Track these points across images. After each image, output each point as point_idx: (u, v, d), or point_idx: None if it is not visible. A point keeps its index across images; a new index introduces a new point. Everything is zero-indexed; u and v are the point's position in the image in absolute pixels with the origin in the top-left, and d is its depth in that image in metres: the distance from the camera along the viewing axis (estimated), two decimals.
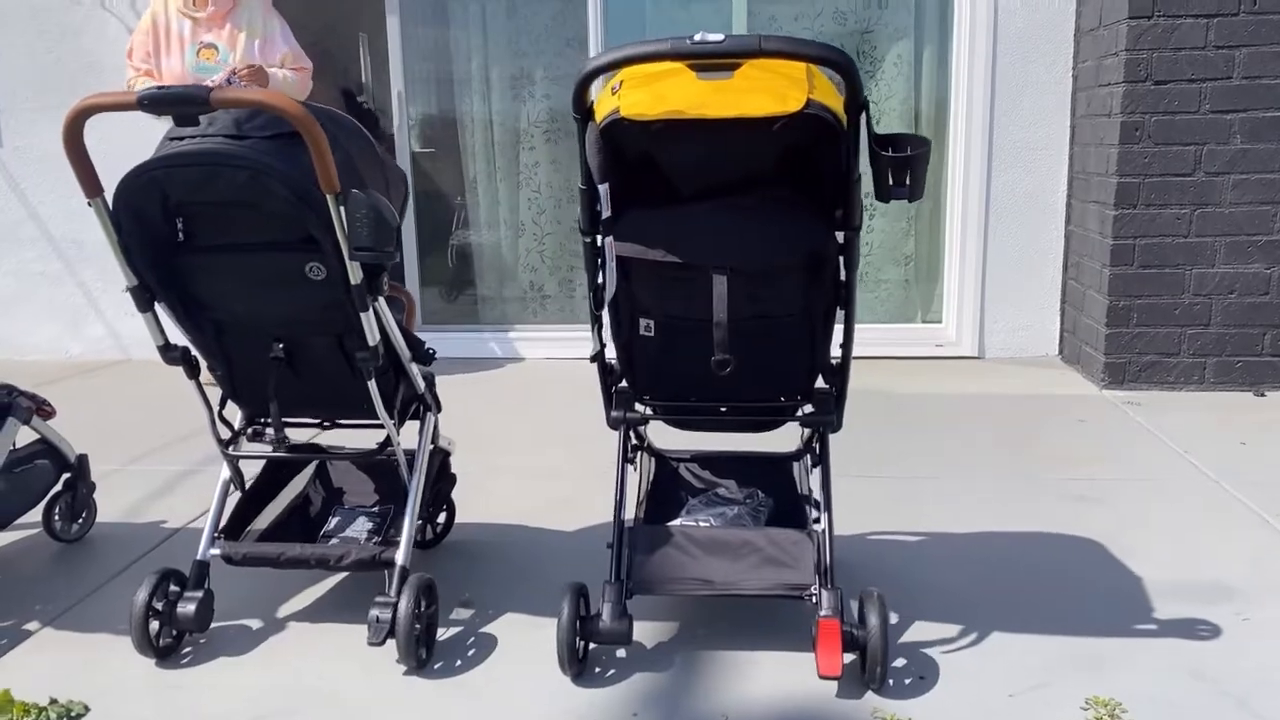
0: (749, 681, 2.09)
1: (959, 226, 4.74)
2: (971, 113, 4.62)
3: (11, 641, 2.33)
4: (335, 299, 2.06)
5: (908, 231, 4.99)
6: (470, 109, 5.12)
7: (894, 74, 4.83)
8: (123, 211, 1.93)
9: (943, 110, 4.78)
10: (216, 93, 1.73)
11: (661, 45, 1.62)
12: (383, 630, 2.12)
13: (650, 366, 2.17)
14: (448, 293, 5.40)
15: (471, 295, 5.35)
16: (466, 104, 5.12)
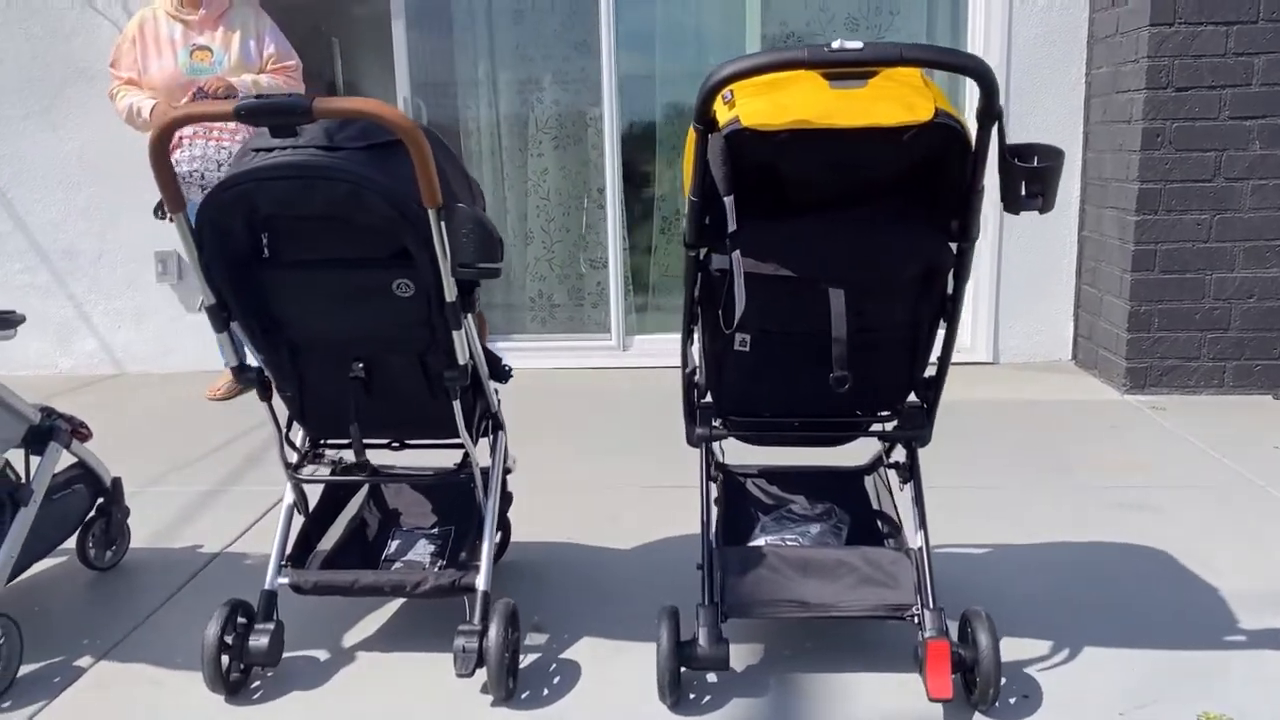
0: (851, 704, 2.04)
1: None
2: None
3: (65, 679, 2.21)
4: (422, 316, 1.98)
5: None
6: (477, 114, 5.03)
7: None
8: (207, 226, 1.84)
9: None
10: (318, 103, 1.65)
11: (799, 53, 1.56)
12: (471, 660, 2.04)
13: (742, 383, 2.11)
14: None
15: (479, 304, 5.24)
16: (473, 109, 5.03)
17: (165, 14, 4.11)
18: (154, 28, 4.11)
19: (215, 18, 4.14)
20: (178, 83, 4.06)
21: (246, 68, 4.15)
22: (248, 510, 3.15)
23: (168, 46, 4.09)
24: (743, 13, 4.79)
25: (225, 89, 3.99)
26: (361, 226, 1.85)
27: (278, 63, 4.23)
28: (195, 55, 4.09)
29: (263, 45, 4.21)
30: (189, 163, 3.97)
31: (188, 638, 2.36)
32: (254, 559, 2.80)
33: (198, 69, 4.09)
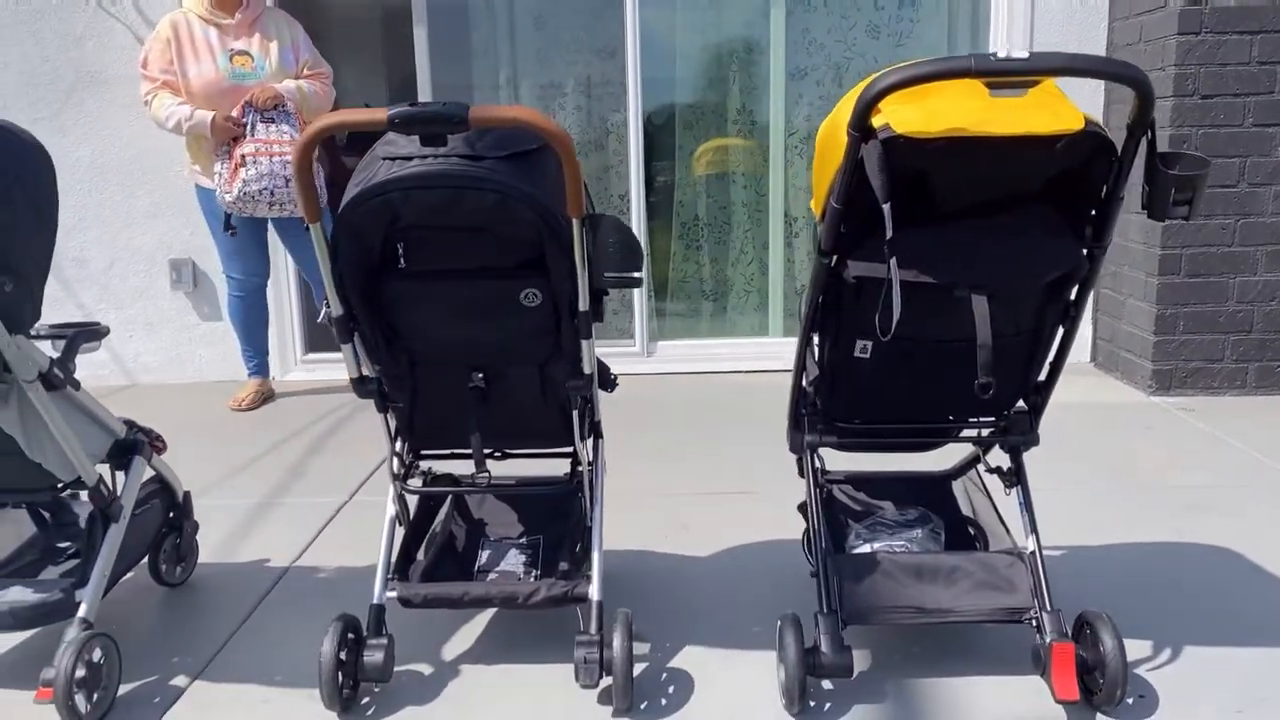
0: (972, 707, 2.05)
1: None
2: None
3: (165, 699, 2.16)
4: (547, 325, 1.96)
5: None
6: None
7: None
8: (344, 236, 1.80)
9: None
10: (475, 111, 1.62)
11: (966, 61, 1.57)
12: (595, 671, 2.02)
13: (857, 389, 2.11)
14: None
15: None
16: None
17: (198, 17, 4.04)
18: (188, 30, 4.04)
19: (250, 23, 4.10)
20: (220, 88, 4.00)
21: (285, 74, 4.13)
22: (304, 524, 3.10)
23: (205, 51, 4.03)
24: (767, 19, 4.81)
25: (274, 99, 3.97)
26: (499, 236, 1.83)
27: (313, 69, 4.22)
28: (236, 60, 4.03)
29: (299, 52, 4.19)
30: (257, 181, 3.92)
31: (281, 654, 2.32)
32: (326, 573, 2.76)
33: (240, 74, 4.04)
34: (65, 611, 2.12)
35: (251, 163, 3.92)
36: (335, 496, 3.32)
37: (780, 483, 3.32)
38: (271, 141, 3.94)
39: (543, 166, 1.82)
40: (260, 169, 3.92)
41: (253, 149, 3.93)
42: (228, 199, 3.97)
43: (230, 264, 4.31)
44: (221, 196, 4.00)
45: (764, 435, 3.88)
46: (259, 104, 3.97)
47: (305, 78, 4.18)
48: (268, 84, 4.02)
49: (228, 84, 4.01)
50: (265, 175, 3.92)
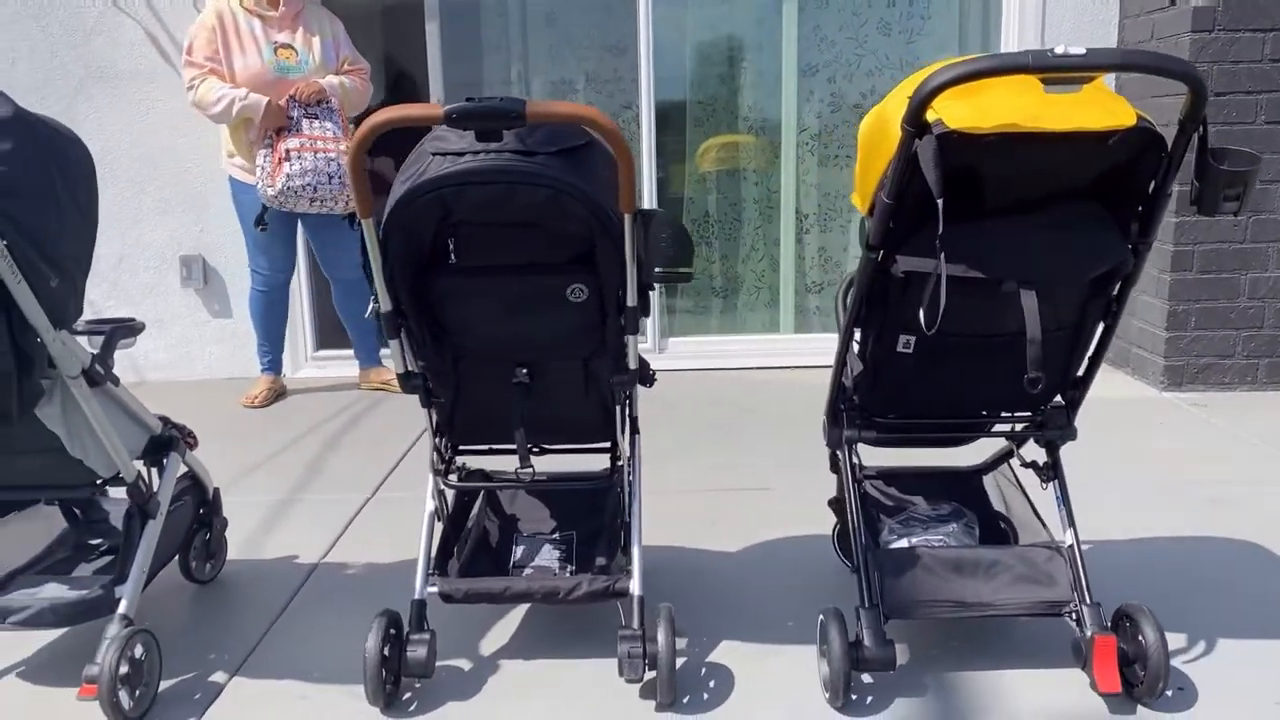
0: (1014, 700, 2.06)
1: None
2: None
3: (205, 696, 2.15)
4: (593, 321, 1.97)
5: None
6: None
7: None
8: (395, 232, 1.80)
9: None
10: (532, 106, 1.62)
11: (1023, 57, 1.58)
12: (639, 665, 2.02)
13: (897, 384, 2.12)
14: None
15: None
16: None
17: (242, 8, 4.05)
18: (233, 21, 4.04)
19: (292, 16, 4.11)
20: (264, 80, 4.01)
21: (326, 69, 4.15)
22: (328, 520, 3.09)
23: (250, 42, 4.03)
24: (779, 15, 4.81)
25: (317, 94, 3.99)
26: (549, 232, 1.83)
27: (352, 65, 4.25)
28: (280, 53, 4.05)
29: (339, 48, 4.22)
30: (300, 176, 3.92)
31: (317, 650, 2.32)
32: (355, 569, 2.75)
33: (284, 67, 4.05)
34: (105, 608, 2.11)
35: (296, 158, 3.92)
36: (356, 493, 3.32)
37: (798, 478, 3.35)
38: (315, 138, 3.95)
39: (591, 163, 1.82)
40: (304, 164, 3.92)
41: (297, 144, 3.93)
42: (270, 193, 3.96)
43: (258, 259, 4.29)
44: (263, 190, 3.99)
45: (778, 431, 3.90)
46: (303, 99, 3.98)
47: (345, 73, 4.21)
48: (311, 78, 4.03)
49: (272, 76, 4.02)
50: (309, 171, 3.92)
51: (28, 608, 2.08)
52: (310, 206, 4.00)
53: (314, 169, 3.92)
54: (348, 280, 4.41)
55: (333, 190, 3.97)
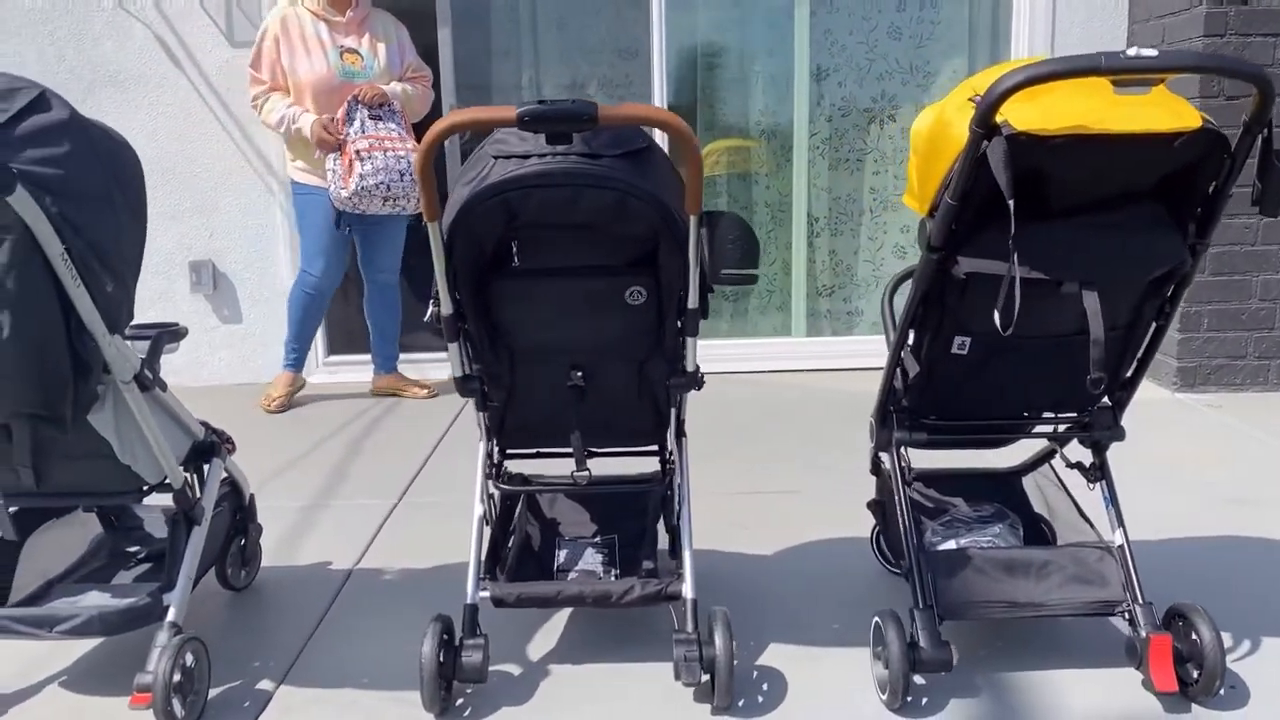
0: (1068, 699, 2.06)
1: None
2: None
3: (255, 703, 2.13)
4: (650, 324, 1.97)
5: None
6: None
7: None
8: (460, 234, 1.79)
9: None
10: (604, 109, 1.62)
11: (1095, 59, 1.59)
12: (696, 668, 2.01)
13: (950, 386, 2.13)
14: None
15: None
16: None
17: (309, 12, 4.05)
18: (299, 26, 4.04)
19: (359, 21, 4.13)
20: (330, 85, 4.02)
21: (391, 75, 4.18)
22: (356, 526, 3.07)
23: (316, 46, 4.04)
24: (791, 19, 4.82)
25: (380, 97, 4.01)
26: (611, 234, 1.83)
27: (416, 71, 4.27)
28: (345, 58, 4.07)
29: (404, 54, 4.25)
30: (373, 175, 3.93)
31: (362, 656, 2.30)
32: (390, 575, 2.74)
33: (350, 72, 4.06)
34: (153, 616, 2.09)
35: (367, 158, 3.92)
36: (382, 499, 3.30)
37: (824, 481, 3.35)
38: (383, 138, 3.96)
39: (654, 165, 1.82)
40: (376, 164, 3.93)
41: (366, 145, 3.94)
42: (344, 195, 3.96)
43: (313, 262, 4.27)
44: (336, 193, 3.99)
45: (798, 435, 3.91)
46: (365, 100, 3.99)
47: (408, 79, 4.24)
48: (374, 83, 4.05)
49: (338, 81, 4.04)
50: (381, 170, 3.93)
51: (75, 616, 2.05)
52: (383, 207, 4.02)
53: (385, 167, 3.93)
54: (385, 283, 4.41)
55: (405, 187, 3.99)
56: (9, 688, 2.21)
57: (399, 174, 3.96)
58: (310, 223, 4.21)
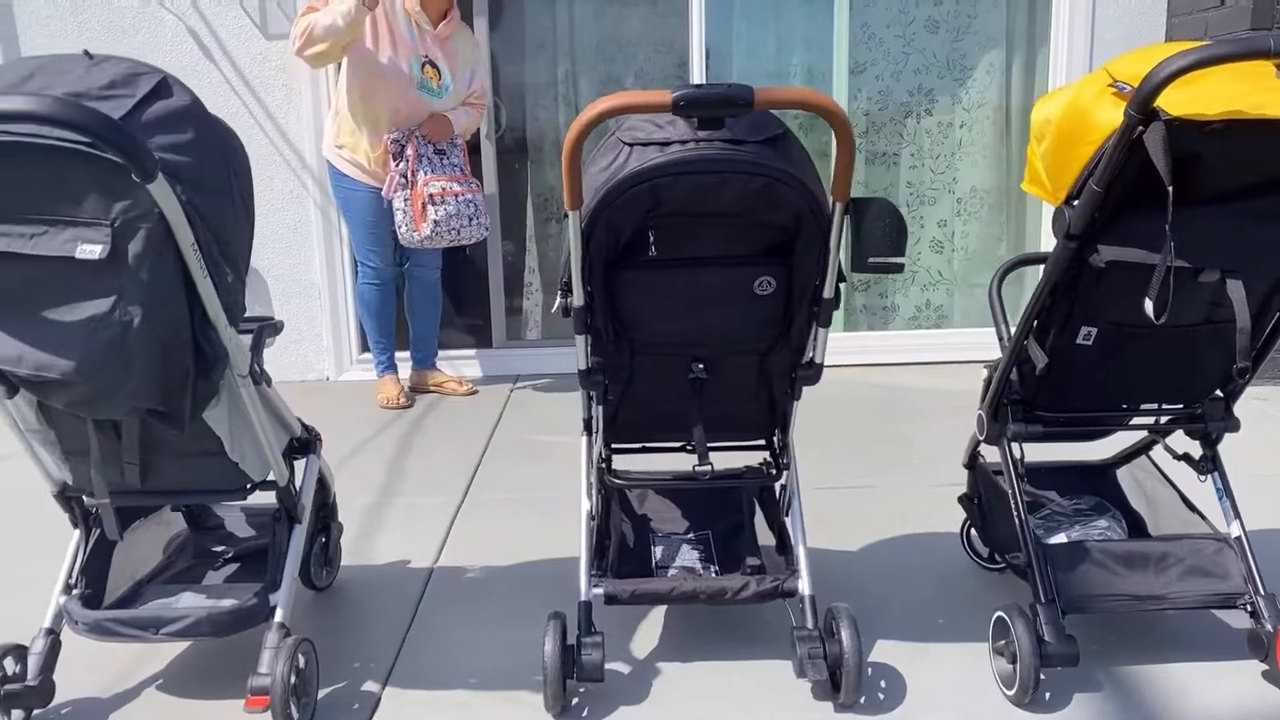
0: (1193, 693, 2.05)
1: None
2: None
3: (364, 705, 2.08)
4: (776, 314, 1.93)
5: (999, 236, 5.06)
6: (558, 115, 4.94)
7: (986, 82, 4.90)
8: (600, 224, 1.75)
9: None
10: (760, 93, 1.58)
11: (1264, 41, 1.56)
12: (821, 665, 1.98)
13: (1069, 377, 2.10)
14: (535, 305, 5.18)
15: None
16: (554, 110, 4.93)
17: (404, 9, 3.98)
18: (393, 17, 3.96)
19: (447, 37, 4.09)
20: (405, 92, 3.98)
21: (458, 98, 4.16)
22: (426, 524, 3.02)
23: (404, 45, 3.98)
24: (830, 13, 4.80)
25: (446, 137, 4.06)
26: (750, 222, 1.79)
27: (479, 98, 4.26)
28: (425, 70, 4.03)
29: (475, 79, 4.24)
30: (445, 222, 4.00)
31: (462, 656, 2.26)
32: (473, 573, 2.69)
33: (426, 86, 4.03)
34: (259, 616, 2.04)
35: (440, 203, 3.96)
36: (445, 496, 3.25)
37: (895, 476, 3.33)
38: (452, 180, 4.02)
39: (793, 151, 1.79)
40: (448, 210, 3.98)
41: (439, 189, 3.96)
42: (415, 238, 4.01)
43: (369, 254, 4.22)
44: (408, 236, 4.02)
45: (854, 429, 3.87)
46: (433, 139, 4.02)
47: (468, 102, 4.22)
48: (441, 117, 4.04)
49: (414, 92, 4.00)
50: (453, 216, 4.00)
51: (183, 618, 2.00)
52: (446, 243, 4.09)
53: (456, 213, 4.00)
54: (427, 280, 4.36)
55: (473, 232, 4.08)
56: (107, 691, 2.15)
57: (468, 219, 4.03)
58: (358, 218, 4.15)
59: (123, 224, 1.61)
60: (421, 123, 4.01)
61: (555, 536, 2.86)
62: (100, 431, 1.90)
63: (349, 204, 4.18)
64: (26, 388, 1.75)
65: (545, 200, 5.06)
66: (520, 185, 5.04)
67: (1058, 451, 2.54)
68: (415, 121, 4.01)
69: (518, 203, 5.05)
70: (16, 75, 1.70)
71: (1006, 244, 5.06)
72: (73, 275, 1.64)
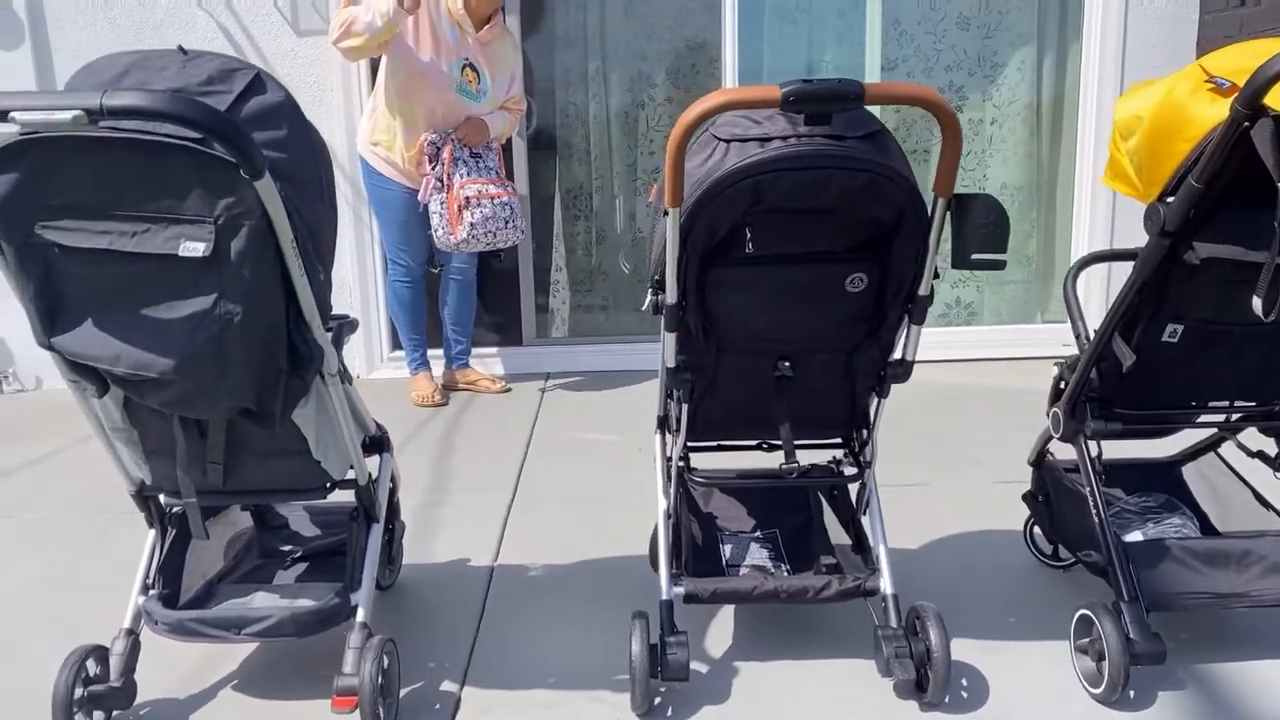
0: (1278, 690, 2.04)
1: (1085, 228, 4.84)
2: (1101, 115, 4.72)
3: (445, 705, 2.07)
4: (864, 312, 1.92)
5: (1030, 233, 5.05)
6: (588, 112, 4.92)
7: (1017, 79, 4.89)
8: (699, 221, 1.74)
9: (1065, 114, 4.87)
10: (870, 88, 1.57)
11: None
12: (909, 665, 1.97)
13: (1149, 374, 2.09)
14: (563, 303, 5.16)
15: (588, 305, 5.14)
16: (584, 107, 4.92)
17: (448, 11, 3.96)
18: (436, 18, 3.94)
19: (489, 41, 4.07)
20: (444, 94, 3.96)
21: (495, 103, 4.13)
22: (480, 522, 3.01)
23: (445, 47, 3.95)
24: (861, 9, 4.79)
25: (482, 141, 4.03)
26: (849, 219, 1.78)
27: (516, 103, 4.25)
28: (465, 74, 4.00)
29: (513, 84, 4.21)
30: (481, 224, 3.96)
31: (539, 655, 2.26)
32: (535, 571, 2.68)
33: (464, 89, 4.00)
34: (341, 616, 2.03)
35: (475, 206, 3.93)
36: (495, 495, 3.23)
37: (947, 475, 3.32)
38: (488, 183, 3.99)
39: (891, 147, 1.78)
40: (484, 212, 3.95)
41: (474, 191, 3.94)
42: (450, 240, 3.98)
43: (399, 252, 4.20)
44: (444, 239, 4.00)
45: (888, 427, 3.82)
46: (469, 144, 4.00)
47: (504, 107, 4.20)
48: (478, 121, 4.01)
49: (452, 95, 3.97)
50: (489, 219, 3.97)
51: (267, 618, 1.99)
52: (483, 247, 4.07)
53: (492, 216, 3.98)
54: (463, 277, 4.34)
55: (509, 235, 4.06)
56: (182, 692, 2.13)
57: (504, 221, 4.01)
58: (390, 216, 4.14)
59: (226, 221, 1.59)
60: (458, 125, 4.00)
61: (610, 535, 2.85)
62: (186, 431, 1.88)
63: (381, 201, 4.16)
64: (122, 386, 1.74)
65: (574, 197, 5.04)
66: (549, 182, 5.02)
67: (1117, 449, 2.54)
68: (451, 123, 4.00)
69: (547, 200, 5.03)
70: (111, 71, 1.68)
71: (1037, 241, 5.06)
72: (173, 273, 1.62)
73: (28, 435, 4.03)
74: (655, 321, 1.86)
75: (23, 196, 1.58)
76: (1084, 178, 4.83)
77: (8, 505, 3.28)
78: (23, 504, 3.29)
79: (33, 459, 3.74)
